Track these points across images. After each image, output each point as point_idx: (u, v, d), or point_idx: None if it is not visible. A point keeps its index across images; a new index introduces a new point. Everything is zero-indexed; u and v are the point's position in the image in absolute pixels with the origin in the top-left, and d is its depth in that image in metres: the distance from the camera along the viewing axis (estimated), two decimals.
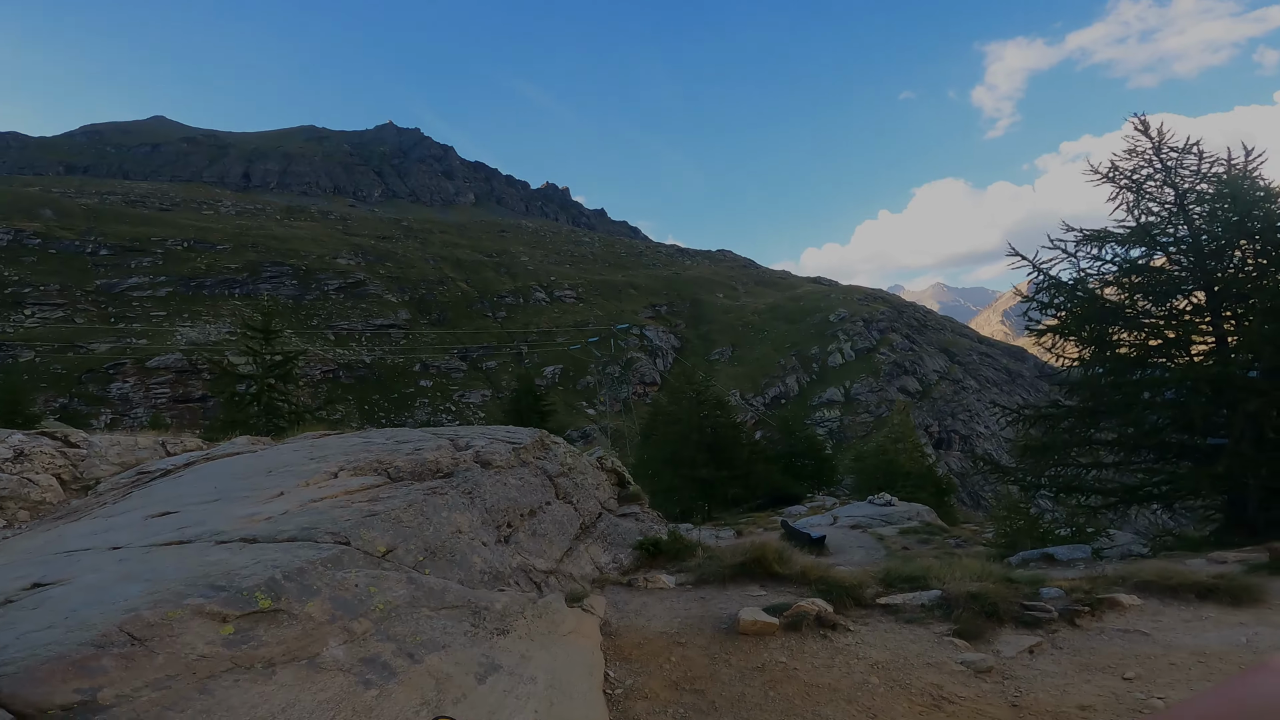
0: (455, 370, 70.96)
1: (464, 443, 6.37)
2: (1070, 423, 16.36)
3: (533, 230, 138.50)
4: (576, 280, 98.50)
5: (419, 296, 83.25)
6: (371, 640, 2.85)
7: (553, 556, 5.53)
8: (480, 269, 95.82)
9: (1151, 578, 6.42)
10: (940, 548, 19.47)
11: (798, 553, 6.38)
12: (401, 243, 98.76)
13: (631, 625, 5.16)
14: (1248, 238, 13.91)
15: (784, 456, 36.71)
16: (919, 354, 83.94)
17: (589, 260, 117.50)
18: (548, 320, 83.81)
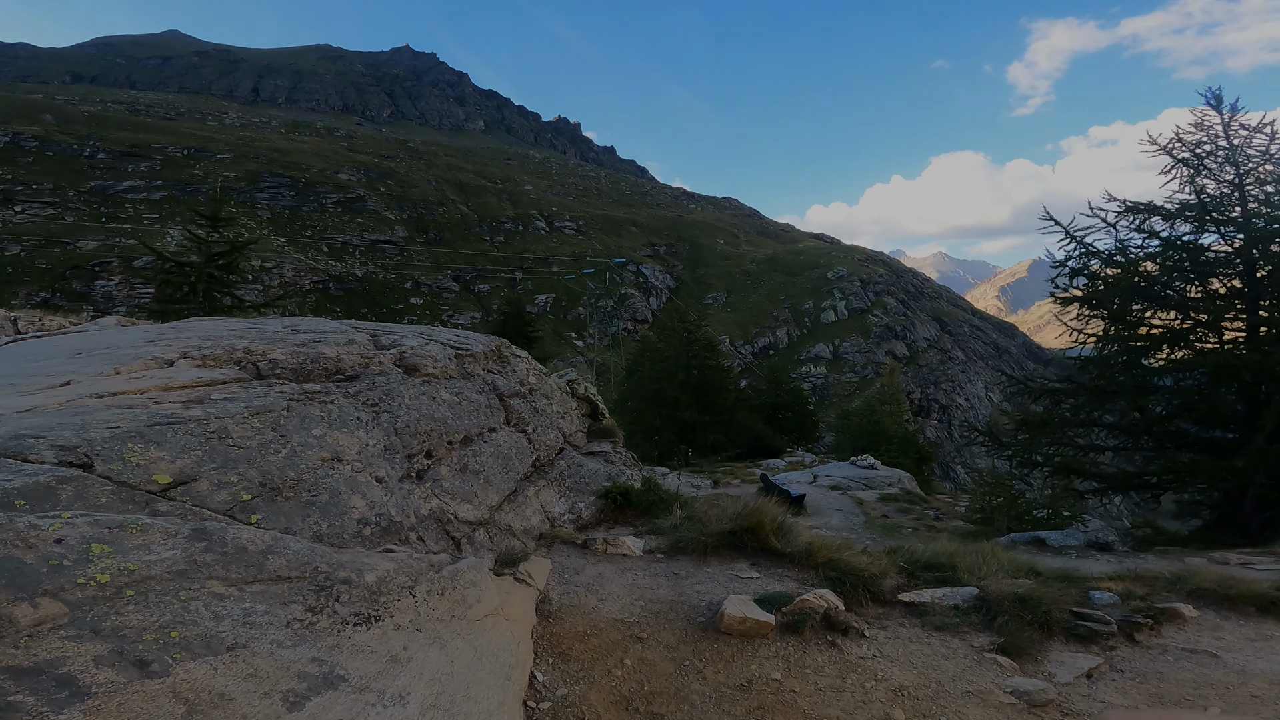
0: (447, 290, 69.09)
1: (389, 340, 4.93)
2: (1076, 401, 15.37)
3: (539, 161, 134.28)
4: (578, 213, 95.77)
5: (418, 216, 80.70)
6: (52, 638, 1.54)
7: (487, 502, 4.22)
8: (482, 193, 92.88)
9: (1209, 585, 5.29)
10: (920, 519, 18.57)
11: (800, 525, 5.10)
12: (405, 163, 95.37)
13: (579, 605, 3.88)
14: None
15: (768, 407, 35.70)
16: (911, 320, 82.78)
17: (593, 195, 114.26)
18: (545, 249, 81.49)
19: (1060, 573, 5.67)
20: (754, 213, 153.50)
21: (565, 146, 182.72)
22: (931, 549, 5.39)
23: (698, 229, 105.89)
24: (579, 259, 77.10)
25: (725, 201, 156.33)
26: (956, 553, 5.28)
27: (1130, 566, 6.34)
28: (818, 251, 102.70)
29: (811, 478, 21.82)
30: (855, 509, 18.97)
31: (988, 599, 4.23)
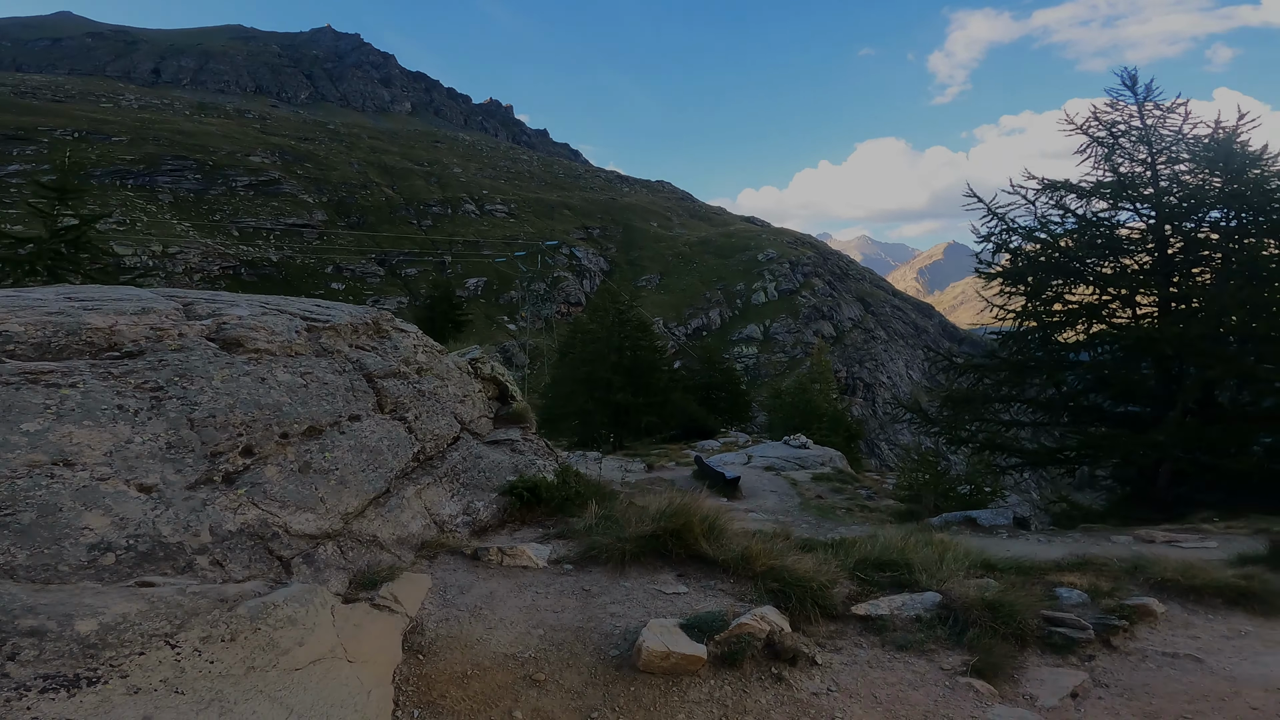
0: (371, 275, 66.05)
1: (207, 309, 3.89)
2: (997, 377, 15.34)
3: (469, 144, 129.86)
4: (510, 196, 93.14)
5: (339, 199, 76.84)
6: None
7: (340, 508, 3.29)
8: (409, 176, 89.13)
9: (1172, 575, 4.86)
10: (853, 498, 18.36)
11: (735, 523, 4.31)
12: (325, 145, 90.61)
13: (460, 636, 3.01)
14: (1227, 201, 12.67)
15: (702, 388, 35.29)
16: (838, 300, 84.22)
17: (525, 178, 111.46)
18: (475, 232, 78.86)
19: (1012, 563, 5.14)
20: (687, 196, 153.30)
21: (497, 129, 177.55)
22: (881, 544, 4.73)
23: (631, 212, 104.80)
24: (511, 242, 74.93)
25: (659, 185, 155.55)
26: (909, 547, 4.64)
27: (1078, 552, 5.88)
28: (749, 234, 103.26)
29: (745, 459, 21.41)
30: (790, 490, 18.62)
31: (953, 607, 3.57)
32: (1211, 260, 12.75)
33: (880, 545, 4.70)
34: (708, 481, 17.90)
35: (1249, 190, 12.19)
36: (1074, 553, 6.48)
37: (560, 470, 5.99)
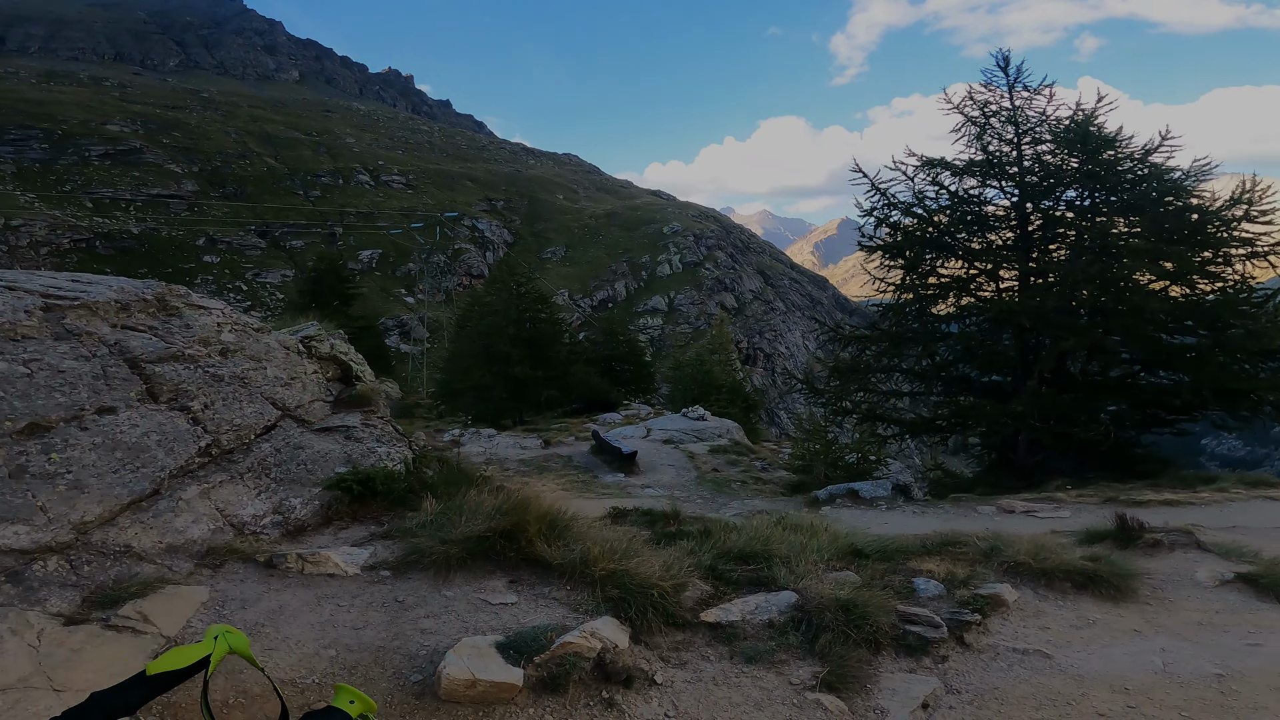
0: (251, 247, 61.29)
1: None
2: (878, 347, 15.72)
3: (365, 113, 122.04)
4: (408, 167, 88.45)
5: (212, 169, 70.70)
6: None
7: (73, 517, 2.68)
8: (295, 146, 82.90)
9: (1024, 558, 4.82)
10: (748, 470, 18.51)
11: (583, 523, 3.85)
12: (197, 114, 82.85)
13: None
14: (1083, 181, 13.26)
15: (605, 360, 34.88)
16: (739, 273, 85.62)
17: (425, 148, 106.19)
18: (370, 204, 74.46)
19: (879, 546, 4.96)
20: (594, 169, 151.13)
21: (395, 99, 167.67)
22: (747, 534, 4.42)
23: (537, 184, 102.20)
24: (409, 214, 71.26)
25: (565, 158, 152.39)
26: (774, 536, 4.36)
27: (944, 529, 5.77)
28: (654, 207, 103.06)
29: (645, 432, 21.22)
30: (687, 463, 18.56)
31: (807, 609, 3.27)
32: (1067, 237, 13.38)
33: (745, 535, 4.40)
34: (605, 457, 17.61)
35: (1102, 170, 12.79)
36: (940, 530, 6.48)
37: (415, 458, 5.35)
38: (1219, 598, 4.72)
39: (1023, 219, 14.35)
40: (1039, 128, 14.19)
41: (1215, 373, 10.57)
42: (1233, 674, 3.40)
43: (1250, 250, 11.82)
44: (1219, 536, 6.92)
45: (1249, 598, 4.73)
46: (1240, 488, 9.60)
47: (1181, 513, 9.00)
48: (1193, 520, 8.65)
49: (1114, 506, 10.00)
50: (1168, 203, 11.80)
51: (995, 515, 10.83)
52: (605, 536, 3.59)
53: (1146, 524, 5.77)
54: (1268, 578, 4.79)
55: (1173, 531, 5.80)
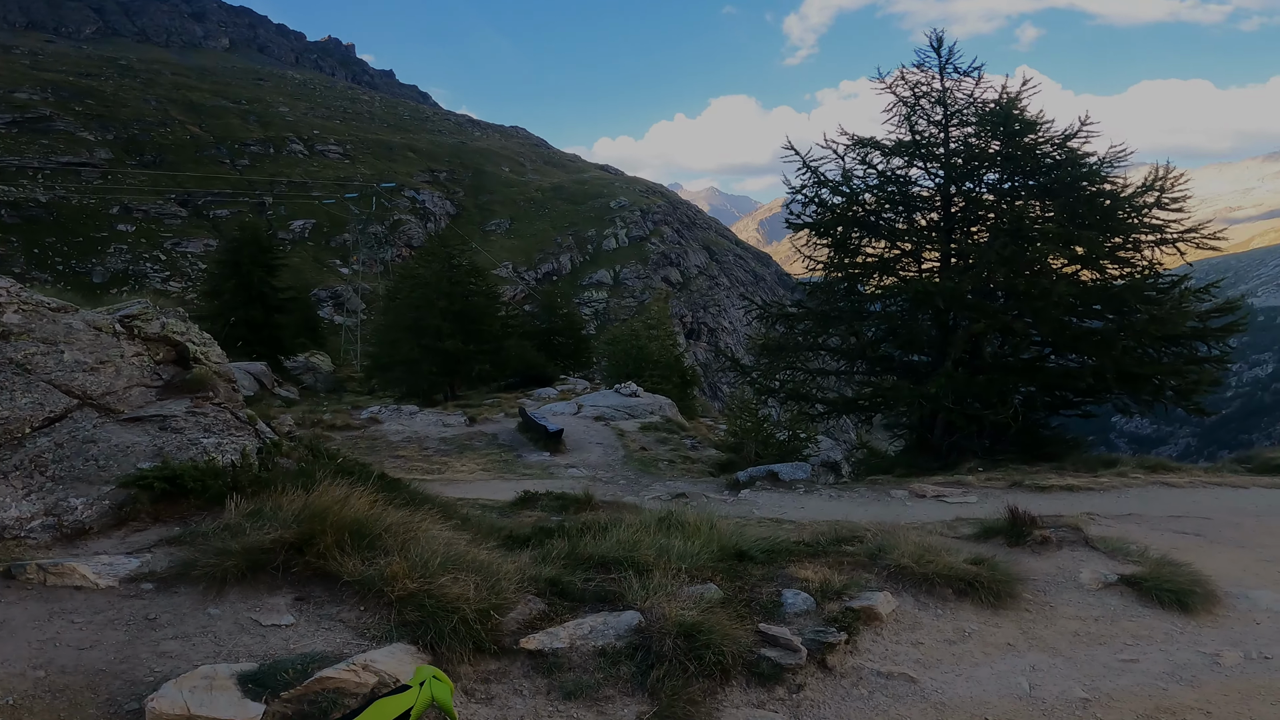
0: (170, 216, 57.67)
1: None
2: (806, 325, 15.56)
3: (300, 83, 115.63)
4: (346, 137, 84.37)
5: (129, 137, 66.09)
6: None
7: None
8: (222, 115, 78.01)
9: (908, 561, 4.50)
10: (677, 449, 18.24)
11: (413, 527, 3.33)
12: (114, 81, 77.11)
13: None
14: (1003, 164, 13.20)
15: (543, 334, 34.13)
16: (685, 248, 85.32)
17: (365, 119, 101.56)
18: (304, 173, 70.81)
19: (768, 548, 4.61)
20: (541, 142, 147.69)
21: (335, 69, 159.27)
22: (609, 540, 3.97)
23: (482, 156, 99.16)
24: (345, 184, 68.04)
25: (512, 130, 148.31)
26: (640, 542, 3.93)
27: (852, 513, 5.47)
28: (602, 182, 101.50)
29: (576, 408, 20.74)
30: (616, 441, 18.18)
31: (649, 633, 2.83)
32: (988, 220, 13.37)
33: (612, 539, 3.96)
34: (531, 435, 17.08)
35: (1021, 154, 12.76)
36: (834, 521, 6.25)
37: (264, 448, 4.74)
38: (1100, 603, 4.55)
39: (947, 200, 14.28)
40: (966, 110, 14.09)
41: (1119, 357, 10.67)
42: (1100, 697, 3.17)
43: (1159, 237, 11.97)
44: (1110, 529, 6.88)
45: (1130, 602, 4.57)
46: (1139, 472, 9.73)
47: (1081, 499, 9.05)
48: (1091, 508, 8.69)
49: (1019, 492, 10.06)
50: (1082, 187, 11.81)
51: (907, 500, 10.80)
52: (432, 545, 3.08)
53: (1038, 518, 5.61)
54: (1150, 581, 4.64)
55: (1062, 527, 5.65)
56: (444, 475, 12.89)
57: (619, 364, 25.64)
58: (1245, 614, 4.55)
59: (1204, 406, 11.75)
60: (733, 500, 11.50)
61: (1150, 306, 11.04)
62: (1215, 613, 4.55)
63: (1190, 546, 6.10)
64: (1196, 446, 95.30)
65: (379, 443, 15.08)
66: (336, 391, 35.00)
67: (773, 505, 11.14)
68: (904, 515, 10.14)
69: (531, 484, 12.92)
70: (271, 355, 29.75)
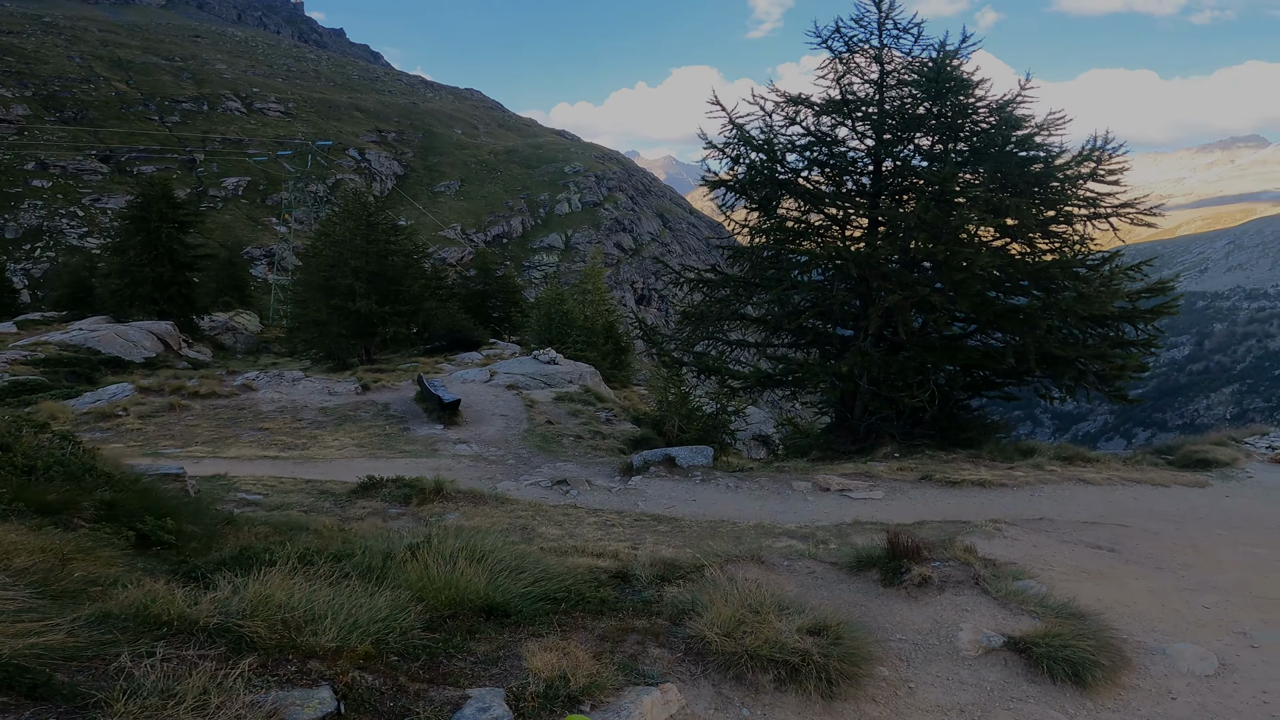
0: (90, 172, 53.09)
1: None
2: (727, 292, 14.14)
3: (241, 40, 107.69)
4: (288, 95, 78.86)
5: (49, 93, 60.81)
6: None
7: None
8: (152, 71, 72.10)
9: (712, 635, 3.07)
10: (589, 422, 16.75)
11: None
12: (35, 38, 70.79)
13: None
14: (935, 128, 11.79)
15: (477, 296, 32.13)
16: (638, 215, 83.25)
17: (309, 77, 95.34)
18: (241, 131, 65.91)
19: (540, 596, 3.14)
20: (497, 105, 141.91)
21: (280, 26, 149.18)
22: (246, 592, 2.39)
23: (434, 117, 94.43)
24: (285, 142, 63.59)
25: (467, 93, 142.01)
26: (271, 598, 2.35)
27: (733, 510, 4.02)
28: (557, 147, 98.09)
29: (488, 375, 19.03)
30: (523, 413, 16.57)
31: None
32: (918, 185, 12.03)
33: (252, 591, 2.38)
34: (427, 405, 15.39)
35: (953, 113, 11.40)
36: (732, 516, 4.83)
37: None
38: (976, 679, 3.23)
39: (877, 165, 12.90)
40: (903, 69, 12.63)
41: (1043, 336, 9.52)
42: None
43: (1093, 211, 10.78)
44: (1016, 544, 5.64)
45: (1015, 676, 3.27)
46: (1056, 464, 8.64)
47: (992, 498, 7.89)
48: (1001, 510, 7.51)
49: (928, 487, 8.87)
50: (1013, 153, 10.50)
51: (809, 494, 9.56)
52: None
53: (923, 548, 4.29)
54: (1043, 645, 3.33)
55: (950, 561, 4.32)
56: (304, 452, 11.21)
57: (541, 329, 23.92)
58: (1159, 682, 3.30)
59: (1126, 393, 10.73)
60: (619, 489, 10.10)
61: (1079, 284, 9.86)
62: (1122, 684, 3.30)
63: (1103, 570, 4.90)
64: (1114, 423, 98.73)
65: (244, 413, 13.21)
66: (256, 353, 32.48)
67: (662, 497, 9.80)
68: (802, 512, 8.92)
69: (404, 463, 11.39)
70: (184, 314, 27.19)
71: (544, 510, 8.34)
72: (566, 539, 6.73)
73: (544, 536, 6.92)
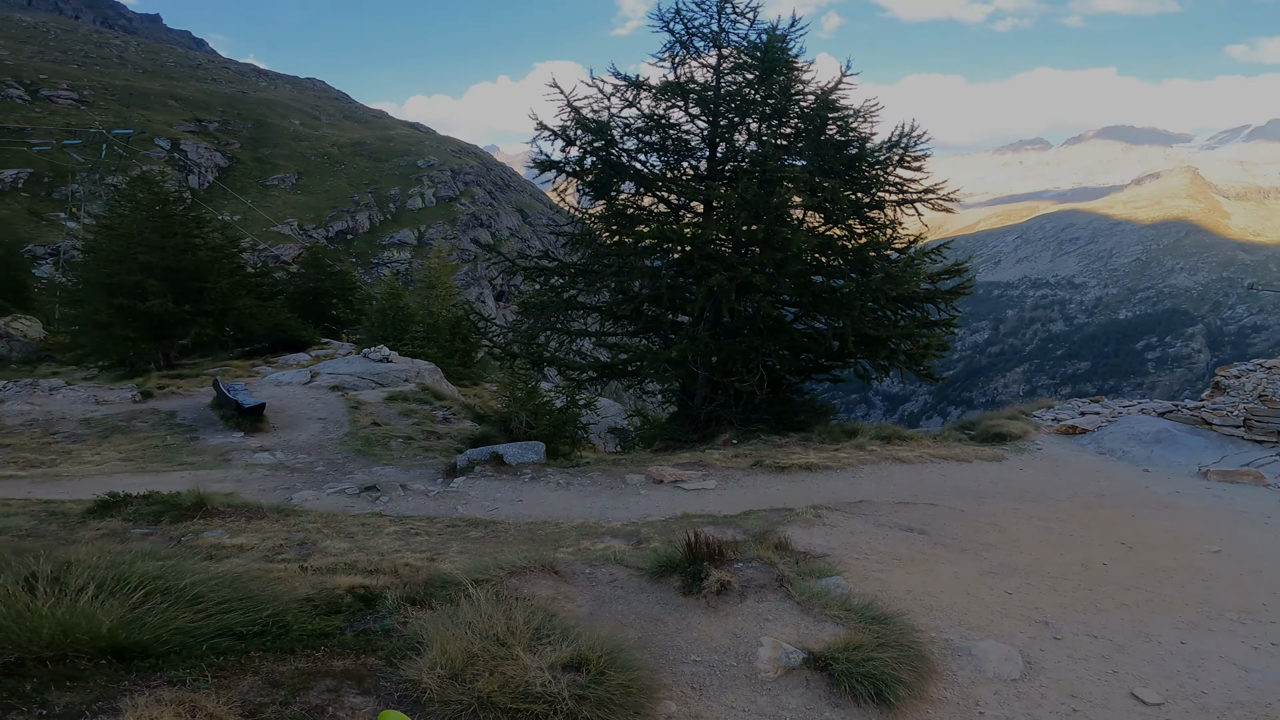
0: None
1: None
2: (563, 280, 13.35)
3: (30, 26, 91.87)
4: (85, 82, 67.66)
5: None
6: None
7: None
8: None
9: (430, 681, 2.30)
10: (422, 421, 15.20)
11: None
12: None
13: None
14: (766, 112, 11.64)
15: (308, 294, 29.02)
16: (497, 210, 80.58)
17: (113, 64, 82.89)
18: (22, 119, 55.58)
19: (188, 630, 2.09)
20: (344, 96, 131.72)
21: (79, 11, 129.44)
22: None
23: (267, 107, 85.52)
24: (78, 131, 54.28)
25: (308, 82, 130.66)
26: None
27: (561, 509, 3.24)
28: (410, 140, 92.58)
29: (308, 377, 16.87)
30: (345, 416, 14.73)
31: None
32: (745, 168, 11.87)
33: None
34: (225, 411, 13.23)
35: (779, 96, 11.30)
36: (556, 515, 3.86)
37: None
38: (775, 709, 2.60)
39: (713, 148, 12.62)
40: (739, 54, 12.43)
41: (858, 317, 9.56)
42: None
43: (901, 196, 11.11)
44: (834, 532, 5.20)
45: (817, 700, 2.67)
46: (876, 444, 8.63)
47: (818, 482, 7.62)
48: (825, 494, 7.21)
49: (759, 474, 8.51)
50: (830, 137, 10.51)
51: (641, 487, 8.93)
52: None
53: (725, 548, 3.67)
54: (844, 660, 2.75)
55: (753, 560, 3.72)
56: (51, 470, 8.99)
57: (375, 326, 21.82)
58: (966, 691, 2.85)
59: (934, 372, 11.18)
60: (439, 493, 8.93)
61: (886, 264, 10.05)
62: (928, 697, 2.80)
63: (914, 556, 4.56)
64: (932, 403, 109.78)
65: None
66: (33, 363, 27.28)
67: (485, 499, 8.77)
68: (634, 507, 8.27)
69: (179, 477, 9.44)
70: None
71: (338, 521, 7.09)
72: (351, 553, 5.65)
73: (325, 551, 5.80)
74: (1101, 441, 9.56)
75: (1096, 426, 10.06)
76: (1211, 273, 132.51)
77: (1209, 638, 3.22)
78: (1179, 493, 7.08)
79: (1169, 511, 6.18)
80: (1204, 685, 2.76)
